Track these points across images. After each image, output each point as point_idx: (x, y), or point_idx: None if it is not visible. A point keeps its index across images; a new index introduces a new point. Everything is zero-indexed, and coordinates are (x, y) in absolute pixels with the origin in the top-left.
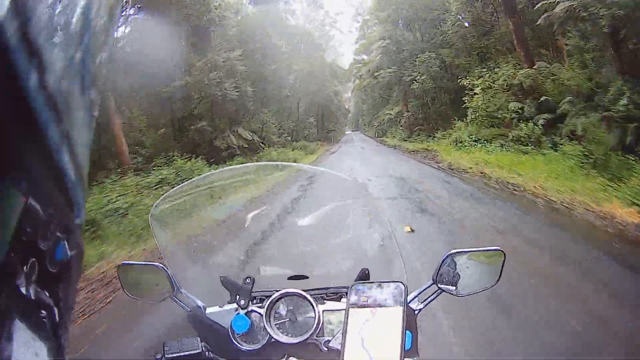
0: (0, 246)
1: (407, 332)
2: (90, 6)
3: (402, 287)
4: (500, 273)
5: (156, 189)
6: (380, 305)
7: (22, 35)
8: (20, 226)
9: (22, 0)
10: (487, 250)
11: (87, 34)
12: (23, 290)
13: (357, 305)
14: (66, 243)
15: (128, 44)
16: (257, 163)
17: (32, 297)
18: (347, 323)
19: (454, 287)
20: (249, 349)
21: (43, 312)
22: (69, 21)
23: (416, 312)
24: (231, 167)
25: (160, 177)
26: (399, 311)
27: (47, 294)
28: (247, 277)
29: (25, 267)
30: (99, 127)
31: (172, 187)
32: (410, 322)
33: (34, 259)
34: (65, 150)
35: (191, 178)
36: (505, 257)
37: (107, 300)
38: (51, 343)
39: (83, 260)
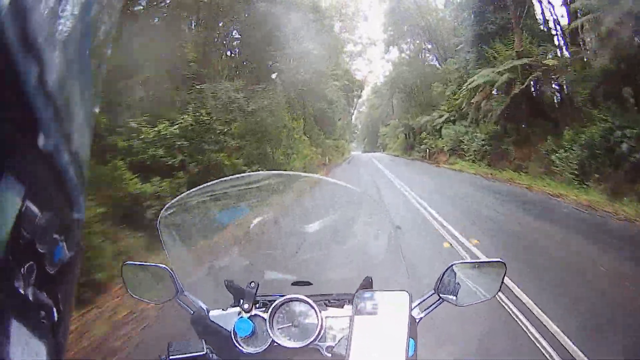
0: None
1: (411, 339)
2: (90, 6)
3: (407, 296)
4: (501, 285)
5: None
6: (385, 313)
7: (22, 35)
8: (17, 228)
9: (22, 0)
10: (488, 262)
11: (87, 34)
12: (21, 290)
13: (362, 313)
14: (65, 244)
15: None
16: (267, 172)
17: (31, 298)
18: (352, 330)
19: (454, 297)
20: (252, 352)
21: (42, 312)
22: (69, 21)
23: (417, 320)
24: (238, 175)
25: None
26: (403, 319)
27: (45, 294)
28: (252, 282)
29: (22, 270)
30: None
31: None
32: (411, 330)
33: (32, 262)
34: (65, 150)
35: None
36: (506, 269)
37: None
38: (50, 342)
39: (83, 258)
